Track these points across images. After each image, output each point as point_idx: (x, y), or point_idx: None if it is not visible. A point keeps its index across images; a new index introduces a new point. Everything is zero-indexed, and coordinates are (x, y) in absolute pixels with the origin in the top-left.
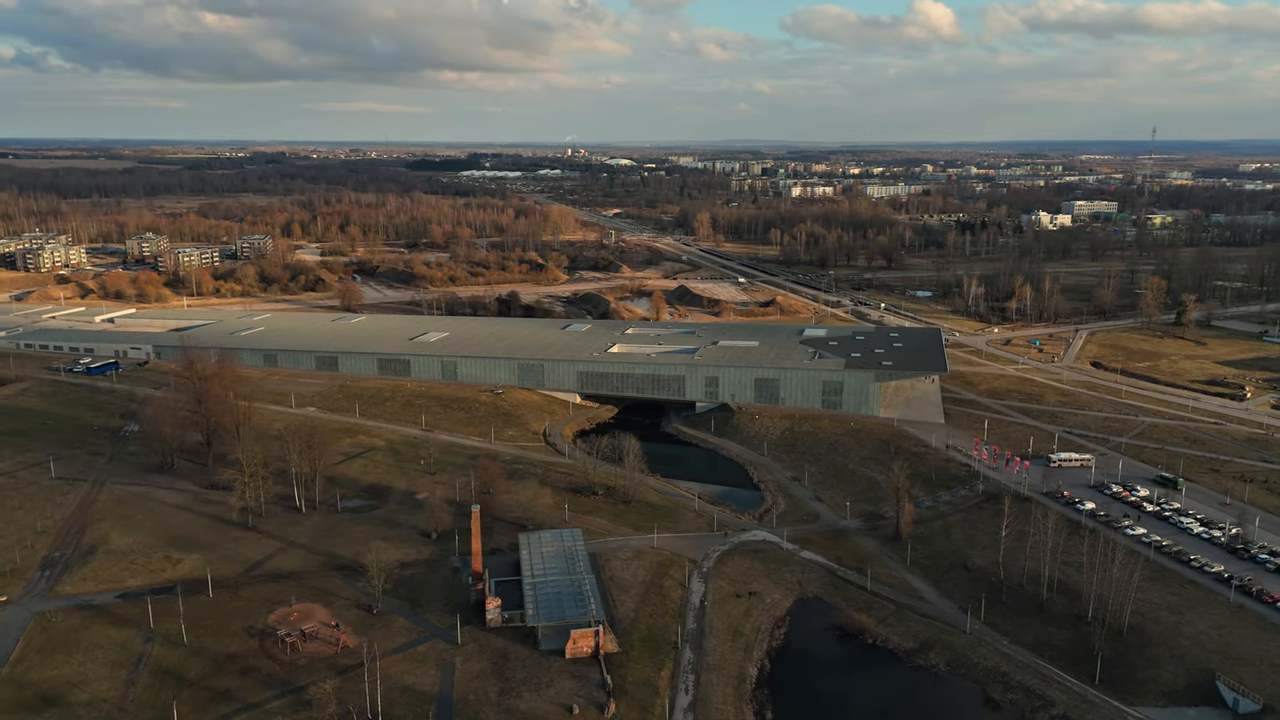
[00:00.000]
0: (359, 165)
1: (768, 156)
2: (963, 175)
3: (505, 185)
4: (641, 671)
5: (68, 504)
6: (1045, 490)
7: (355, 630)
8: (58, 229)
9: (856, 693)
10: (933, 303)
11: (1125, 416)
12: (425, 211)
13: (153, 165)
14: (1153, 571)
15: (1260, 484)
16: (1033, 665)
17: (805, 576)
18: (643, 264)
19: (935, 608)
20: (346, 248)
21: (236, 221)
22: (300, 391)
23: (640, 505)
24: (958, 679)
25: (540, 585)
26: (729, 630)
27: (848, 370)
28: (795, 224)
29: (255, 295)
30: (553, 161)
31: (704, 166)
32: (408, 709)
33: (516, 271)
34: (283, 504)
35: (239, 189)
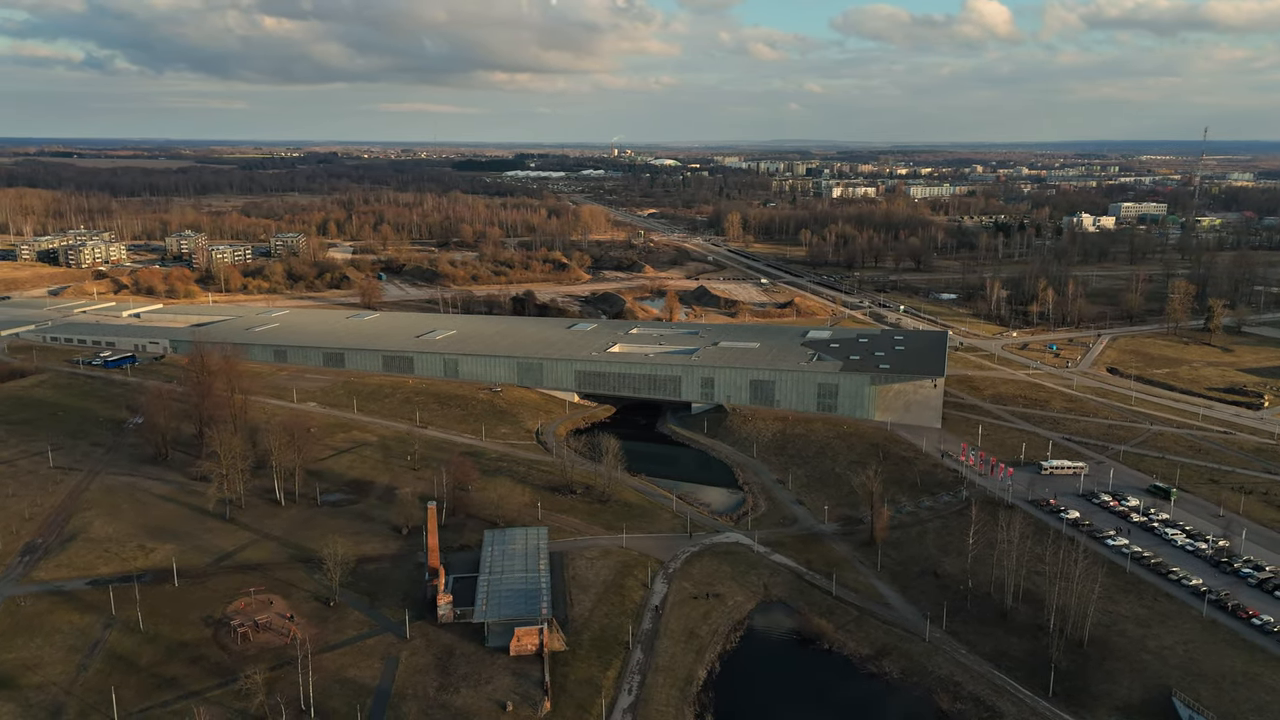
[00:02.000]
0: (406, 165)
1: (816, 157)
2: (1013, 176)
3: (547, 185)
4: (586, 671)
5: (59, 492)
6: (1031, 498)
7: (310, 622)
8: (104, 226)
9: (804, 699)
10: (955, 305)
11: (1130, 424)
12: (461, 211)
13: (209, 165)
14: (1127, 583)
15: (1260, 496)
16: (987, 675)
17: (772, 580)
18: (667, 264)
19: (898, 615)
20: (378, 246)
21: (275, 220)
22: (304, 387)
23: (617, 505)
24: (909, 687)
25: (494, 582)
26: (684, 632)
27: (843, 373)
28: (827, 225)
29: (281, 292)
30: (597, 162)
31: (748, 167)
32: (344, 700)
33: (539, 271)
34: (265, 497)
35: (286, 188)
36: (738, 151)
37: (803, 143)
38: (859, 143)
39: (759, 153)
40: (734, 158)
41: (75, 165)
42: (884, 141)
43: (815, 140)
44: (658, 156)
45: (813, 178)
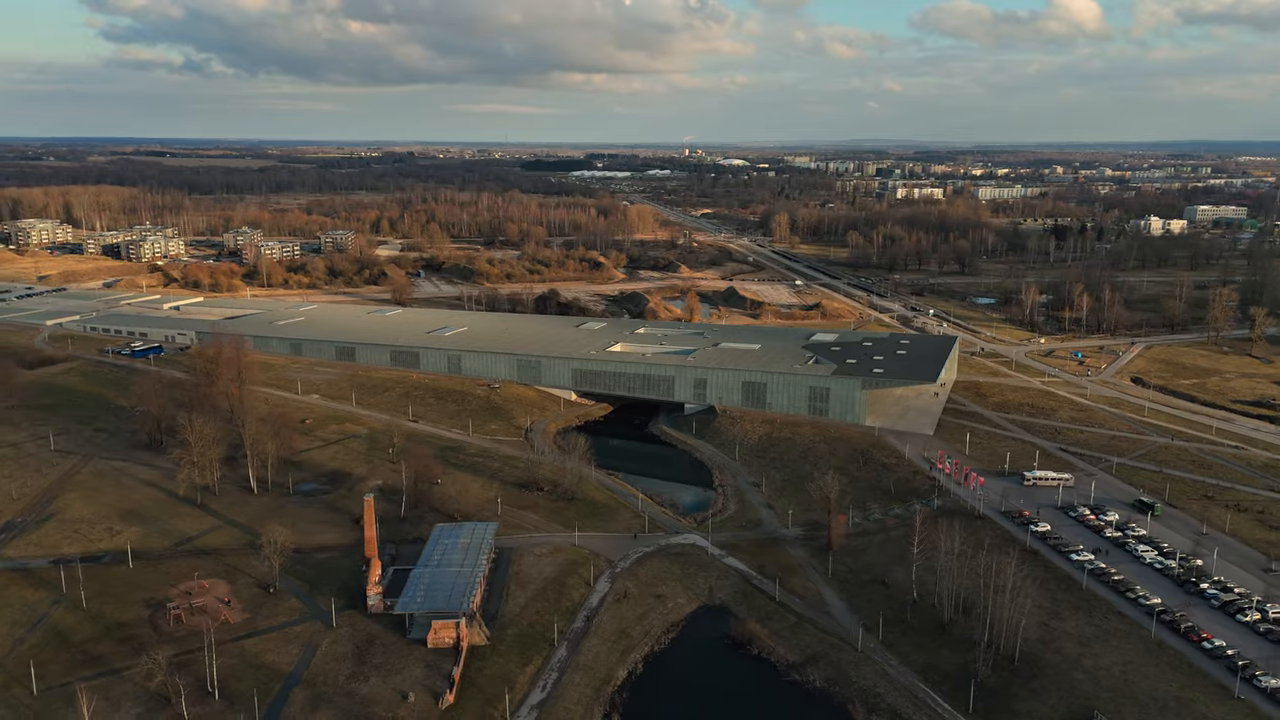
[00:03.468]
0: (477, 165)
1: (891, 156)
2: (1094, 177)
3: (609, 185)
4: (503, 666)
5: (52, 475)
6: (1005, 509)
7: (246, 607)
8: (172, 222)
9: (719, 703)
10: (991, 310)
11: (1136, 436)
12: (513, 210)
13: (290, 164)
14: (1080, 599)
15: (1253, 515)
16: (911, 688)
17: (719, 583)
18: (706, 264)
19: (837, 623)
20: (424, 244)
21: (333, 217)
22: (311, 379)
23: (582, 503)
24: (829, 697)
25: (427, 575)
26: (616, 632)
27: (834, 377)
28: (877, 226)
29: (320, 287)
30: (665, 162)
31: (817, 167)
32: (252, 684)
33: (574, 270)
34: (242, 485)
35: (357, 187)
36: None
37: (881, 142)
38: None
39: (835, 152)
40: (805, 158)
41: (164, 164)
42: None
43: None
44: (726, 156)
45: (881, 178)
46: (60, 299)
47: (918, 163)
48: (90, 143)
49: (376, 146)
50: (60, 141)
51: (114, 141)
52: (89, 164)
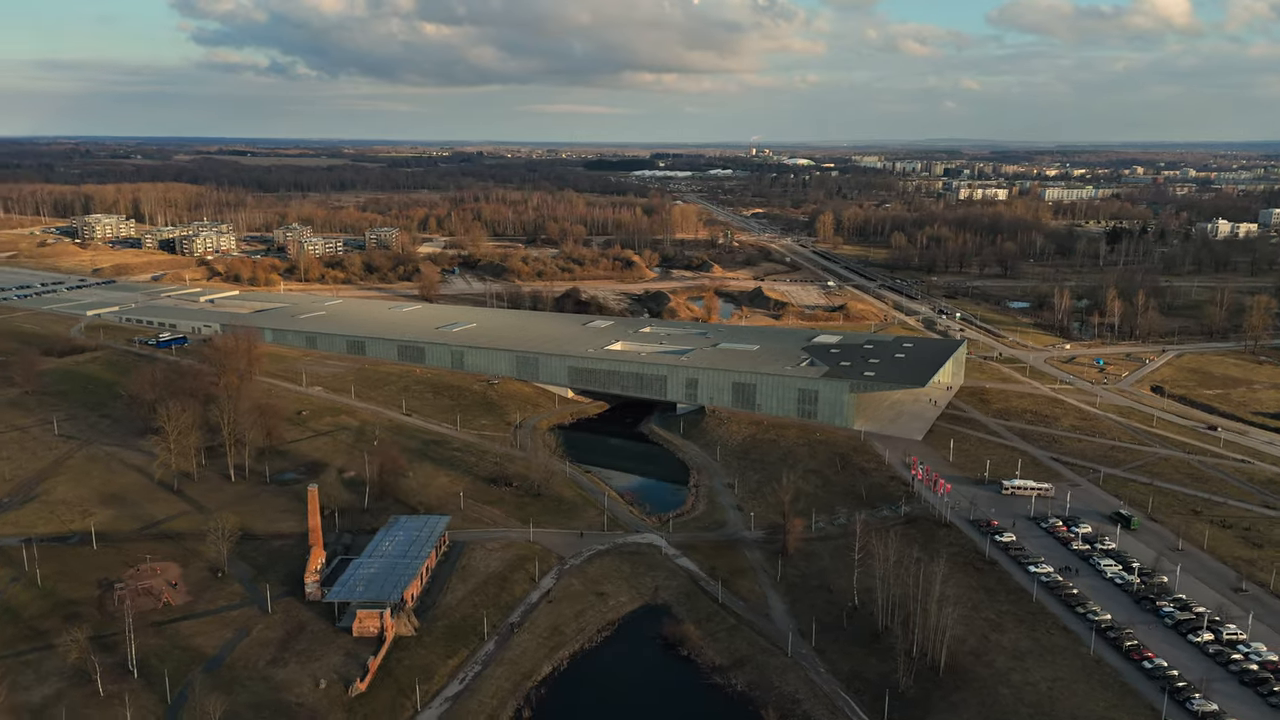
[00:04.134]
0: (540, 164)
1: (965, 156)
2: (1176, 178)
3: (668, 185)
4: (425, 658)
5: (48, 458)
6: (973, 517)
7: (191, 590)
8: (231, 219)
9: (635, 702)
10: (1023, 314)
11: (1136, 446)
12: (561, 209)
13: (361, 163)
14: (1027, 612)
15: (1239, 530)
16: (831, 696)
17: (666, 583)
18: (741, 264)
19: (775, 627)
20: (466, 241)
21: (384, 215)
22: (318, 372)
23: (548, 499)
24: (748, 701)
25: (367, 565)
26: (549, 628)
27: (823, 379)
28: (924, 227)
29: (355, 283)
30: (730, 161)
31: (884, 166)
32: (173, 665)
33: (605, 268)
34: (224, 472)
35: (418, 185)
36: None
37: (958, 142)
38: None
39: (908, 152)
40: (872, 157)
41: (242, 163)
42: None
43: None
44: (792, 156)
45: (948, 178)
46: (106, 290)
47: (990, 163)
48: (179, 142)
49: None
50: (151, 141)
51: (202, 141)
52: (172, 163)
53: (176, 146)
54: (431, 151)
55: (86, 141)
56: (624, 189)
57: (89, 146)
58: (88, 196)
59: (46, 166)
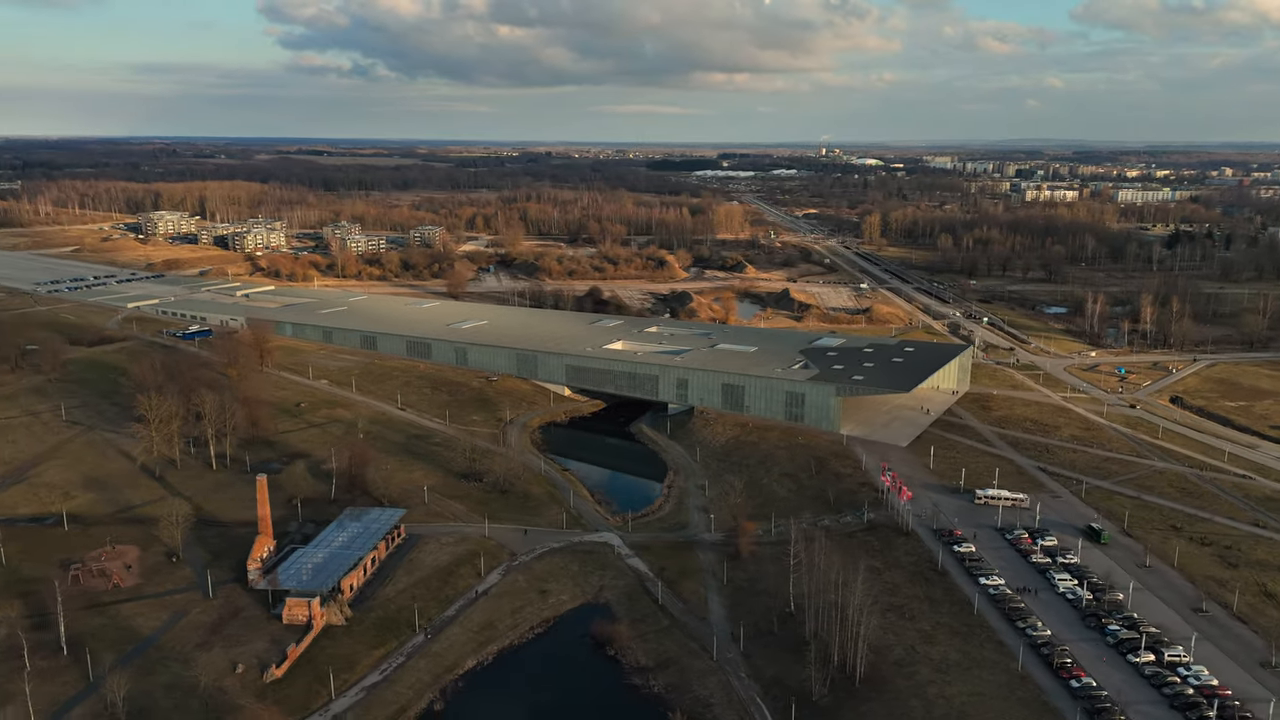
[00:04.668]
0: (604, 164)
1: (1045, 157)
2: (1267, 180)
3: (728, 185)
4: (351, 647)
5: (49, 443)
6: (936, 526)
7: (142, 573)
8: (288, 215)
9: (548, 699)
10: (1056, 320)
11: (1133, 459)
12: (608, 208)
13: (430, 162)
14: (965, 624)
15: (1219, 549)
16: (746, 701)
17: (612, 582)
18: (778, 265)
19: (710, 630)
20: (507, 240)
21: (435, 213)
22: (327, 365)
23: (515, 495)
24: (662, 703)
25: (312, 555)
26: (482, 624)
27: (810, 382)
28: (973, 229)
29: (390, 280)
30: (797, 161)
31: (954, 167)
32: (105, 644)
33: (636, 268)
34: (207, 460)
35: (478, 185)
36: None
37: (1041, 142)
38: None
39: (987, 153)
40: (946, 158)
41: (317, 162)
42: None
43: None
44: (861, 156)
45: (1021, 179)
46: (153, 284)
47: (1068, 164)
48: (265, 143)
49: (522, 147)
50: (238, 141)
51: (286, 141)
52: (251, 162)
53: (261, 146)
54: (502, 152)
55: (179, 142)
56: (680, 189)
57: (176, 146)
58: (157, 194)
59: (132, 165)
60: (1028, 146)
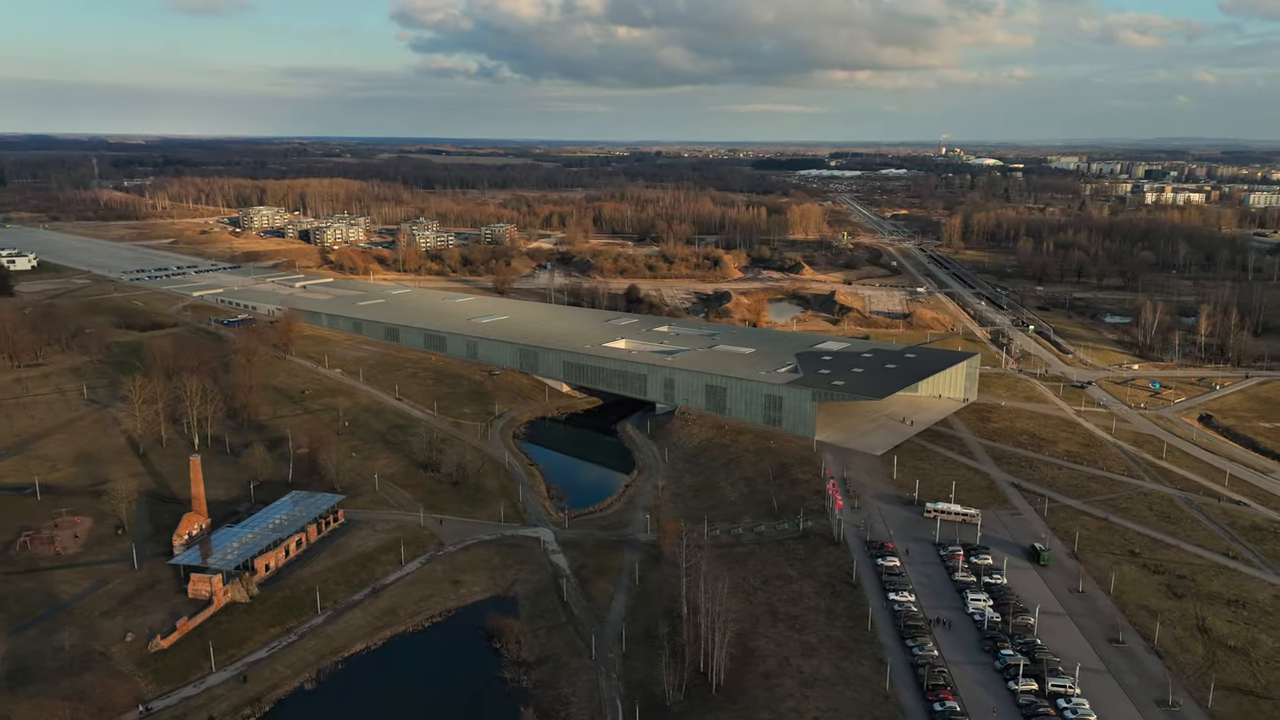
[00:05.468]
0: (707, 164)
1: (1190, 157)
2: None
3: (827, 184)
4: (247, 624)
5: (64, 418)
6: (870, 537)
7: (85, 543)
8: (377, 211)
9: (413, 688)
10: (1111, 330)
11: (1120, 478)
12: (687, 207)
13: (541, 162)
14: (853, 639)
15: (1170, 577)
16: (604, 703)
17: (526, 577)
18: (842, 266)
19: (600, 630)
20: (574, 238)
21: (518, 211)
22: (345, 355)
23: (468, 488)
24: (526, 698)
25: (240, 534)
26: (384, 610)
27: (787, 386)
28: (1061, 232)
29: (446, 275)
30: (907, 161)
31: (1078, 168)
32: (22, 606)
33: (689, 268)
34: (195, 440)
35: (573, 184)
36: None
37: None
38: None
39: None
40: (1073, 158)
41: (432, 161)
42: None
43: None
44: (979, 156)
45: (1149, 180)
46: (226, 275)
47: (1210, 164)
48: (392, 142)
49: (638, 146)
50: (368, 141)
51: (412, 141)
52: (371, 161)
53: (387, 146)
54: (614, 151)
55: (316, 142)
56: (774, 188)
57: (309, 146)
58: (263, 190)
59: (260, 164)
60: (1173, 145)
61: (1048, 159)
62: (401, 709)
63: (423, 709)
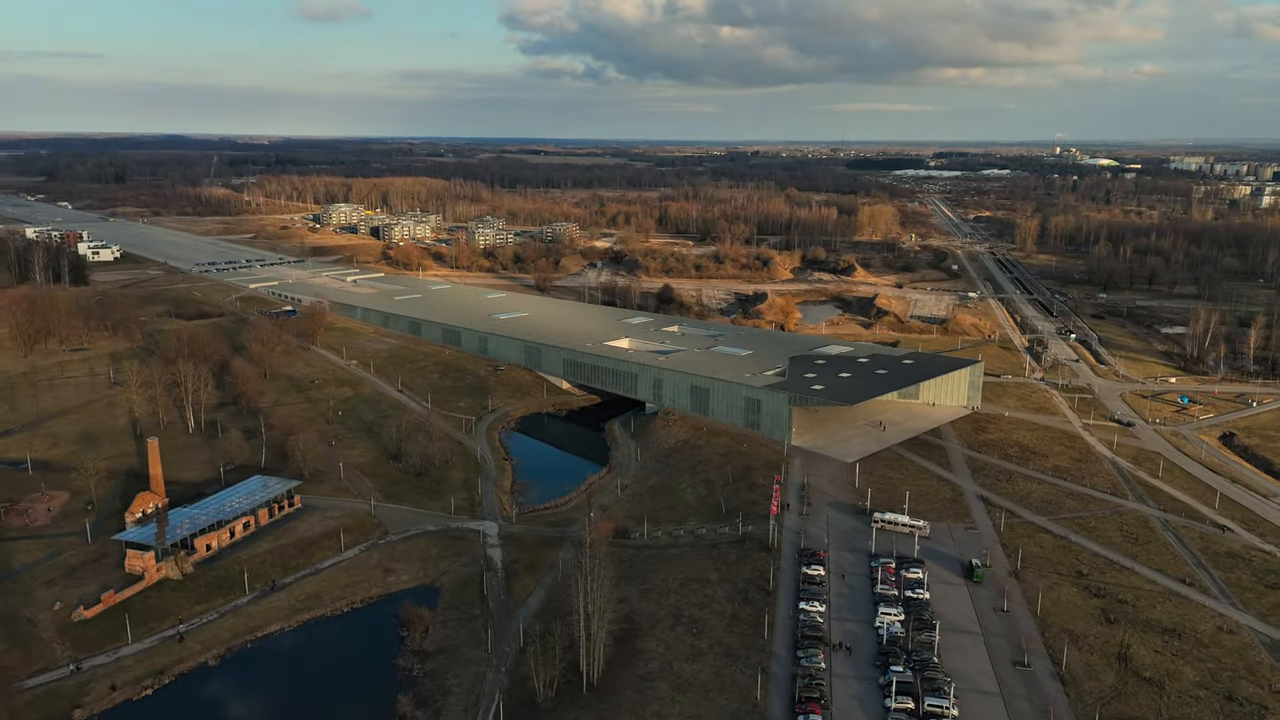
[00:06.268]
0: (799, 163)
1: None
2: None
3: (919, 184)
4: (175, 600)
5: (83, 399)
6: (804, 545)
7: (58, 518)
8: (452, 209)
9: (319, 674)
10: (1160, 341)
11: (1102, 496)
12: (757, 207)
13: (635, 162)
14: (745, 647)
15: (1110, 601)
16: (482, 695)
17: (458, 568)
18: (899, 269)
19: (505, 624)
20: (629, 238)
21: (584, 209)
22: (365, 347)
23: (430, 479)
24: (415, 685)
25: (191, 514)
26: (311, 593)
27: (765, 390)
28: (1140, 236)
29: (497, 271)
30: (1013, 161)
31: (1199, 169)
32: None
33: (736, 267)
34: (196, 424)
35: (657, 184)
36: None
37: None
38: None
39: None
40: (1196, 158)
41: (527, 161)
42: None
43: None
44: (1093, 156)
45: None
46: (288, 268)
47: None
48: (496, 142)
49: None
50: (473, 141)
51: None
52: (469, 160)
53: (490, 146)
54: (711, 151)
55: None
56: (860, 188)
57: (415, 146)
58: (348, 187)
59: (362, 162)
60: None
61: (1170, 159)
62: (291, 688)
63: (310, 691)
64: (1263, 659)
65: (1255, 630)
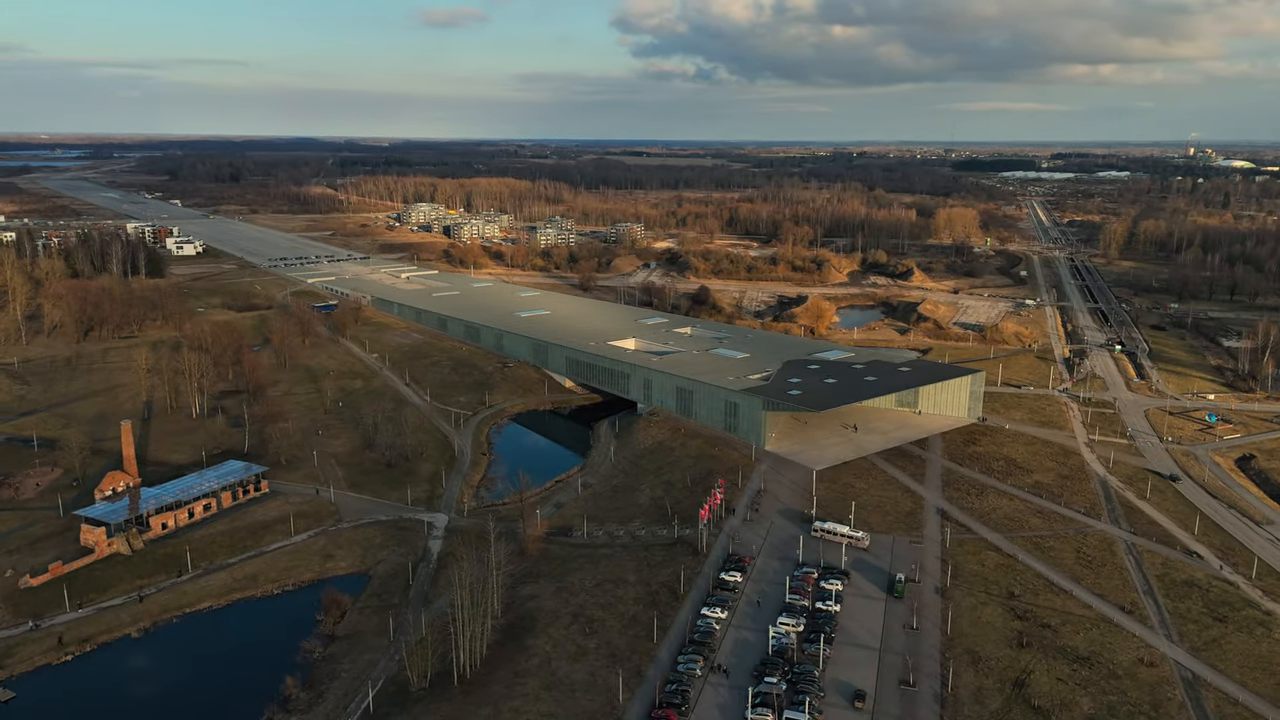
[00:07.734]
0: (899, 164)
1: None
2: None
3: (1023, 186)
4: (119, 573)
5: (111, 382)
6: (731, 551)
7: (44, 492)
8: (529, 210)
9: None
10: (1215, 355)
11: (1073, 515)
12: (834, 208)
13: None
14: (634, 651)
15: (1032, 624)
16: (364, 681)
17: (394, 558)
18: (963, 274)
19: (415, 615)
20: (689, 239)
21: (661, 211)
22: (388, 341)
23: (399, 470)
24: (306, 671)
25: (157, 493)
26: (249, 575)
27: (743, 393)
28: (1235, 242)
29: (550, 271)
30: (1135, 163)
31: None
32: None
33: (787, 270)
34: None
35: (747, 184)
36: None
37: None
38: None
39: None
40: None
41: (625, 163)
42: None
43: None
44: (1228, 157)
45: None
46: (351, 264)
47: None
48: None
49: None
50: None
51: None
52: (571, 162)
53: (595, 148)
54: (815, 151)
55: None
56: (959, 190)
57: (523, 147)
58: (434, 187)
59: (465, 164)
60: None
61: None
62: (194, 663)
63: (211, 667)
64: (1174, 695)
65: (1179, 664)
